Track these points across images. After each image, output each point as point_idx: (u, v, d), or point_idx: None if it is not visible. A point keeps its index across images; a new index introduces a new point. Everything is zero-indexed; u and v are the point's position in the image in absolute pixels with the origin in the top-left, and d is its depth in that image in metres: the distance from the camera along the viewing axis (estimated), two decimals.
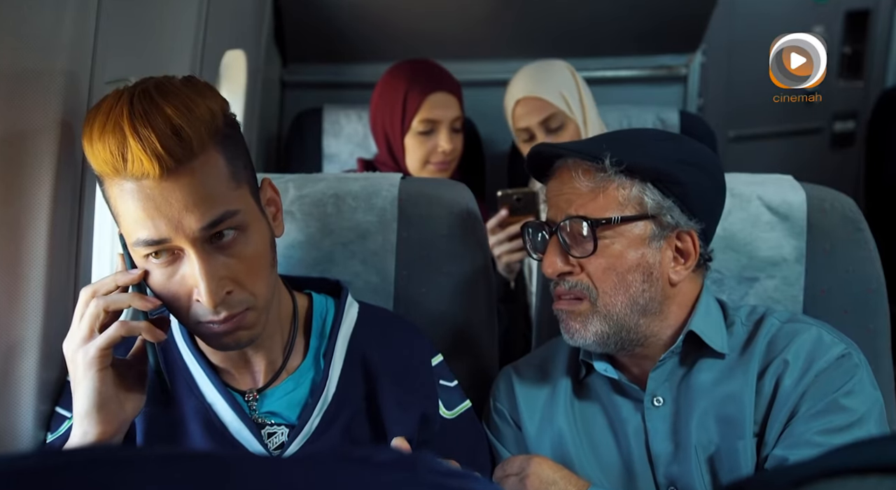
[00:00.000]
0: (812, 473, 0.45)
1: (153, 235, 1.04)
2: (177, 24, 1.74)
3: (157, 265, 1.08)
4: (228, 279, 1.07)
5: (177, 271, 1.07)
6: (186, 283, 1.07)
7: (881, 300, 1.44)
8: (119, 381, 1.08)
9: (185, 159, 1.03)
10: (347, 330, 1.25)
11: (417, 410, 1.24)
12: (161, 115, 1.02)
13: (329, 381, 1.21)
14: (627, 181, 1.21)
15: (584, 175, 1.23)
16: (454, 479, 0.47)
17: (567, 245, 1.23)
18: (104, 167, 1.04)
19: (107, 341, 1.05)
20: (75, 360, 1.06)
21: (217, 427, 1.17)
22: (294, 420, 1.19)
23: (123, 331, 1.05)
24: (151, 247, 1.06)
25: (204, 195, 1.04)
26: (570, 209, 1.23)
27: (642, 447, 1.26)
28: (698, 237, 1.24)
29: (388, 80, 2.17)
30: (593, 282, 1.22)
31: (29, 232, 1.14)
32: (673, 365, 1.26)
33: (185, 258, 1.07)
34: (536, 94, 2.06)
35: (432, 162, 2.12)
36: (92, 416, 1.06)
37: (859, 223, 1.44)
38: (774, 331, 1.25)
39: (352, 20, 2.66)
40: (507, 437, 1.35)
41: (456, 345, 1.44)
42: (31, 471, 0.43)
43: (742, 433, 1.21)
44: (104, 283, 1.08)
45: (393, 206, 1.46)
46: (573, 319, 1.24)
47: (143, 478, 0.42)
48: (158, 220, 1.04)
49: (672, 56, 2.92)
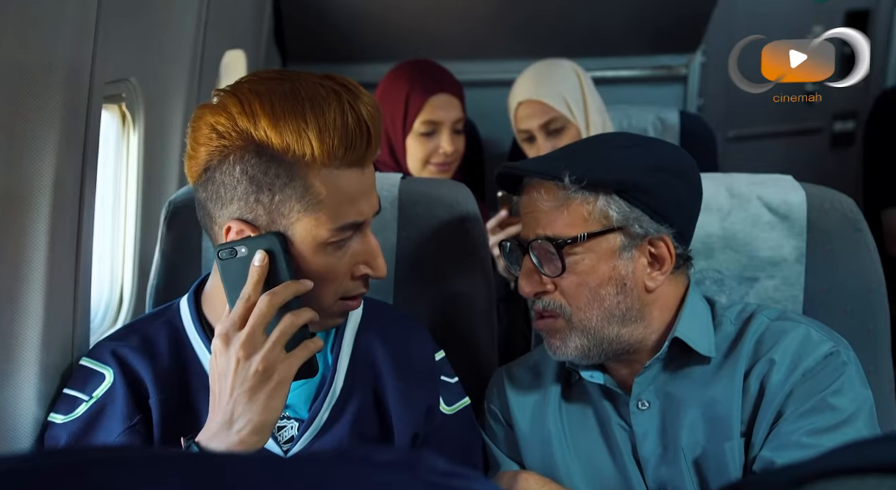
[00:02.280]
0: (811, 473, 0.45)
1: (359, 217, 1.12)
2: (177, 24, 1.74)
3: (334, 249, 1.11)
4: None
5: (347, 248, 1.13)
6: (355, 258, 1.14)
7: (881, 300, 1.44)
8: None
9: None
10: (354, 324, 1.26)
11: (423, 403, 1.26)
12: (371, 105, 1.09)
13: (337, 376, 1.22)
14: (591, 196, 1.20)
15: (546, 194, 1.21)
16: (455, 478, 0.47)
17: (539, 264, 1.23)
18: (325, 154, 1.06)
19: (303, 359, 1.08)
20: (276, 372, 1.05)
21: None
22: (304, 414, 1.20)
23: (314, 349, 1.09)
24: (349, 230, 1.12)
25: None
26: (537, 228, 1.22)
27: (630, 451, 1.25)
28: (672, 241, 1.22)
29: (390, 81, 2.17)
30: (567, 299, 1.22)
31: (29, 232, 1.14)
32: (658, 369, 1.26)
33: (358, 236, 1.13)
34: (538, 97, 2.06)
35: (433, 163, 2.12)
36: (269, 428, 1.06)
37: (859, 223, 1.44)
38: (762, 329, 1.23)
39: (352, 20, 2.66)
40: (500, 438, 1.35)
41: (455, 345, 1.44)
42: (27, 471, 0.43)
43: (729, 434, 1.20)
44: (282, 293, 1.07)
45: (393, 206, 1.46)
46: (553, 337, 1.24)
47: (138, 478, 0.42)
48: (363, 203, 1.12)
49: (672, 56, 2.92)
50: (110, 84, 1.26)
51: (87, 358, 1.19)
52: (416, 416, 1.24)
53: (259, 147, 1.06)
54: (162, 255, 1.43)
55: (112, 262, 1.66)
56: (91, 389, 1.16)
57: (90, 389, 1.16)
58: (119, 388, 1.16)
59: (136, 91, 1.61)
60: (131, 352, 1.18)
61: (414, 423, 1.24)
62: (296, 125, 1.05)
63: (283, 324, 1.06)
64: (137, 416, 1.15)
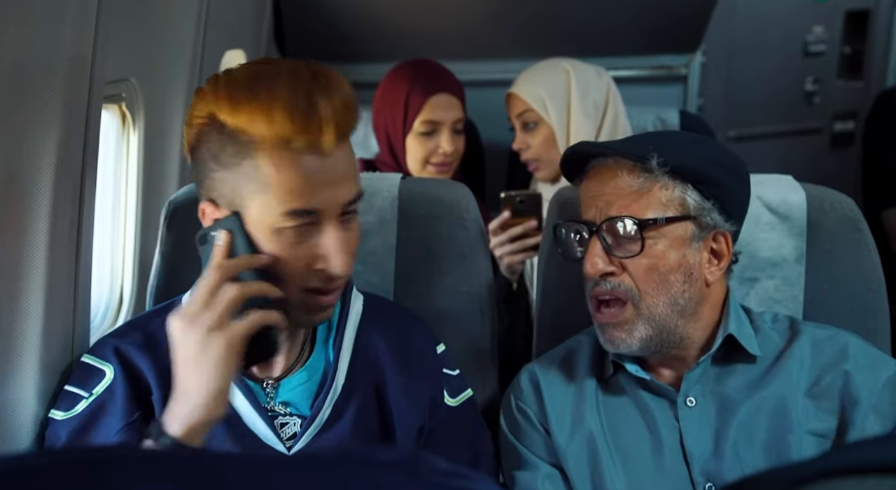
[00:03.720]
0: (811, 473, 0.45)
1: (307, 206, 1.08)
2: (177, 24, 1.74)
3: (290, 236, 1.10)
4: (351, 254, 1.14)
5: (307, 239, 1.10)
6: (315, 251, 1.11)
7: (881, 300, 1.44)
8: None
9: (348, 135, 1.10)
10: (354, 321, 1.27)
11: (426, 396, 1.26)
12: (341, 91, 1.08)
13: (339, 372, 1.22)
14: (670, 181, 1.22)
15: (628, 174, 1.23)
16: (457, 479, 0.47)
17: (608, 245, 1.23)
18: (274, 135, 1.06)
19: (249, 328, 1.06)
20: (211, 341, 1.05)
21: (231, 416, 1.17)
22: (307, 411, 1.20)
23: (263, 319, 1.08)
24: (301, 217, 1.09)
25: (352, 172, 1.12)
26: (611, 210, 1.23)
27: (676, 446, 1.26)
28: (731, 238, 1.26)
29: (390, 81, 2.17)
30: (636, 282, 1.23)
31: (29, 232, 1.14)
32: (706, 366, 1.28)
33: (320, 229, 1.11)
34: (517, 91, 2.10)
35: (432, 163, 2.11)
36: (222, 395, 1.05)
37: (859, 223, 1.44)
38: (814, 340, 1.28)
39: (352, 20, 2.66)
40: (536, 443, 1.33)
41: (456, 345, 1.44)
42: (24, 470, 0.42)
43: (790, 428, 1.23)
44: (234, 266, 1.08)
45: (393, 206, 1.46)
46: (617, 329, 1.24)
47: (135, 478, 0.42)
48: (317, 191, 1.08)
49: (672, 56, 2.92)
50: (110, 84, 1.26)
51: (88, 355, 1.19)
52: (421, 409, 1.25)
53: (220, 127, 1.08)
54: (162, 256, 1.43)
55: (112, 262, 1.66)
56: (91, 386, 1.16)
57: (90, 386, 1.16)
58: (119, 384, 1.16)
59: (136, 91, 1.60)
60: (133, 348, 1.18)
61: (419, 417, 1.25)
62: (249, 106, 1.06)
63: (226, 291, 1.06)
64: (137, 413, 1.16)
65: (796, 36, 3.71)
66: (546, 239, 1.53)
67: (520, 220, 1.82)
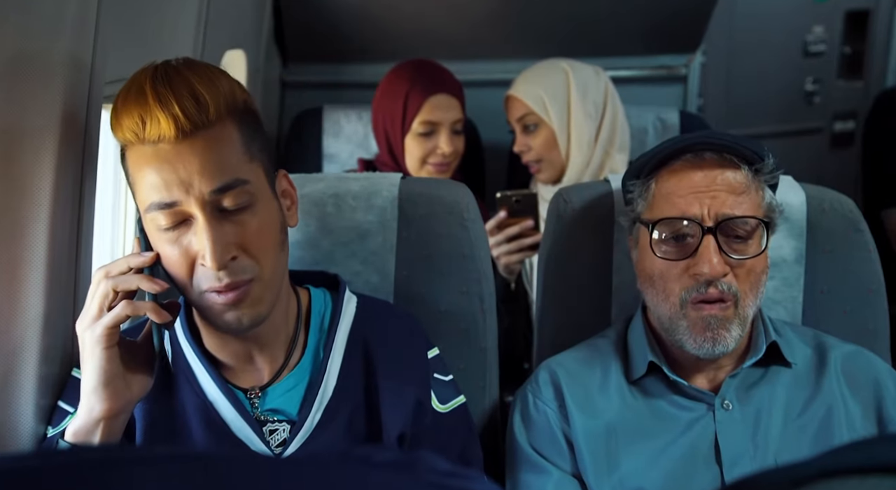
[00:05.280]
0: (812, 473, 0.45)
1: (165, 198, 1.07)
2: (177, 24, 1.74)
3: (167, 238, 1.09)
4: (234, 245, 1.09)
5: (184, 239, 1.09)
6: (192, 249, 1.09)
7: (881, 300, 1.44)
8: (126, 361, 1.10)
9: (201, 125, 1.06)
10: (347, 324, 1.25)
11: (412, 398, 1.24)
12: (183, 81, 1.07)
13: (328, 377, 1.21)
14: (764, 184, 1.23)
15: (732, 170, 1.22)
16: (454, 479, 0.47)
17: (724, 244, 1.20)
18: (127, 133, 1.07)
19: (113, 320, 1.07)
20: (84, 338, 1.08)
21: (218, 424, 1.17)
22: (296, 416, 1.19)
23: (129, 310, 1.07)
24: (163, 210, 1.08)
25: (216, 161, 1.07)
26: (724, 207, 1.20)
27: (709, 449, 1.24)
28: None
29: (390, 80, 2.17)
30: (739, 283, 1.20)
31: (29, 232, 1.13)
32: (747, 372, 1.27)
33: (194, 225, 1.08)
34: (516, 93, 2.10)
35: (431, 163, 2.11)
36: (98, 392, 1.07)
37: (859, 223, 1.44)
38: (842, 352, 1.29)
39: (352, 20, 2.66)
40: (550, 447, 1.29)
41: (456, 345, 1.44)
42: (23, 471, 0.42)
43: (833, 435, 1.22)
44: (117, 265, 1.10)
45: (393, 206, 1.46)
46: (722, 327, 1.20)
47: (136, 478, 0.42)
48: (171, 183, 1.06)
49: (672, 56, 2.92)
50: (110, 84, 1.26)
51: (76, 369, 1.19)
52: (406, 410, 1.23)
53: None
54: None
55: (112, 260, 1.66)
56: (77, 401, 1.14)
57: (77, 401, 1.14)
58: None
59: None
60: None
61: (404, 419, 1.22)
62: (113, 112, 1.09)
63: (99, 287, 1.08)
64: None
65: (796, 36, 3.71)
66: (546, 238, 1.53)
67: (516, 219, 1.82)
